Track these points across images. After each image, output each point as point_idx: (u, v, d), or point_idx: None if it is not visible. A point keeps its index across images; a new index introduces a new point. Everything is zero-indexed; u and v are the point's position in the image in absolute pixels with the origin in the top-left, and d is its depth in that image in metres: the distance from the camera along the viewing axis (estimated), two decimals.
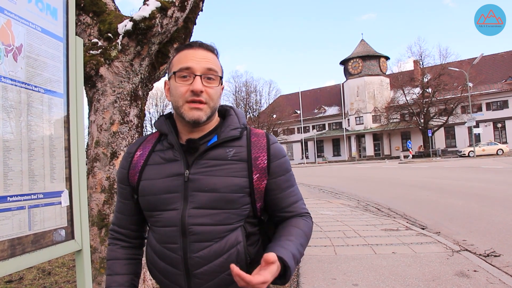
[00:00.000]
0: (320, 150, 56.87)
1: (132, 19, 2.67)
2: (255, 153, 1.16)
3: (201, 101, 1.11)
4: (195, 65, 1.11)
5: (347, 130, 52.61)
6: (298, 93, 61.05)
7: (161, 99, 58.42)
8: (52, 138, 1.86)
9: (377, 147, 50.79)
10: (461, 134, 44.15)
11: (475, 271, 4.11)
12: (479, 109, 42.72)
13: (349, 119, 52.95)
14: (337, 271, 4.35)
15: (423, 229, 6.56)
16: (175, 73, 1.12)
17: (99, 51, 2.74)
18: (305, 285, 3.94)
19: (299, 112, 59.00)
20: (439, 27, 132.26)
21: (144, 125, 3.12)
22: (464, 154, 36.35)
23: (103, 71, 2.71)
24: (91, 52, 2.73)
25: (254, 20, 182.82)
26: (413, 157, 41.35)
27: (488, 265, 4.35)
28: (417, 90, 44.36)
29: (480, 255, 4.80)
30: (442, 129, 44.98)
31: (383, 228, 6.61)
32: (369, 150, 50.61)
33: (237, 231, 1.14)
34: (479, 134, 36.16)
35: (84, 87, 2.63)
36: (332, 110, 57.46)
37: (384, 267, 4.41)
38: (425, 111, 43.14)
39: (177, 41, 3.17)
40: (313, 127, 58.38)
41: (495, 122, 43.43)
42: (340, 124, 55.76)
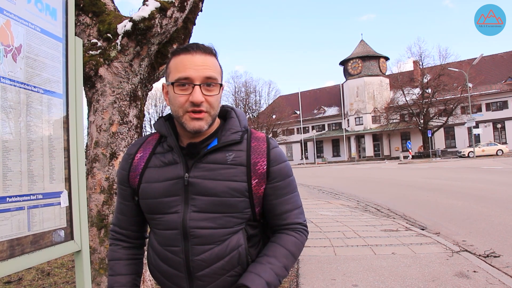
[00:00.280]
0: (319, 150, 56.88)
1: (131, 20, 2.67)
2: (255, 158, 1.15)
3: (201, 111, 1.09)
4: (194, 74, 1.07)
5: (346, 130, 52.61)
6: (297, 93, 61.10)
7: (160, 100, 58.43)
8: (51, 138, 1.86)
9: (377, 147, 50.81)
10: (460, 134, 44.20)
11: (474, 271, 4.12)
12: (479, 109, 42.76)
13: (348, 120, 52.97)
14: (337, 271, 4.35)
15: (422, 229, 6.56)
16: (173, 83, 1.09)
17: (99, 51, 2.73)
18: (305, 286, 3.94)
19: (298, 112, 59.04)
20: (438, 27, 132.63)
21: (143, 126, 3.11)
22: (463, 154, 36.38)
23: (102, 71, 2.71)
24: (91, 52, 2.72)
25: (253, 20, 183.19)
26: (413, 157, 41.35)
27: (487, 265, 4.35)
28: (417, 90, 44.38)
29: (479, 255, 4.80)
30: (441, 130, 45.02)
31: (383, 228, 6.61)
32: (369, 150, 50.62)
33: (238, 234, 1.13)
34: (478, 134, 36.16)
35: (83, 88, 2.63)
36: (331, 110, 57.47)
37: (383, 267, 4.41)
38: (424, 112, 43.16)
39: (177, 41, 3.17)
40: (313, 128, 58.38)
41: (495, 122, 43.48)
42: (339, 124, 55.76)
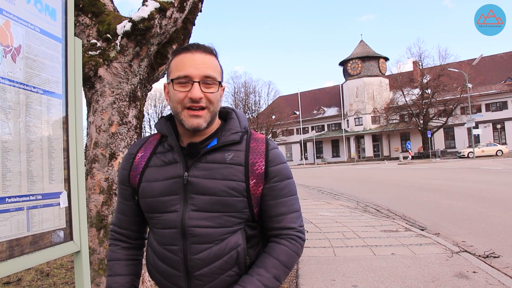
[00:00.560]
0: (319, 151, 56.89)
1: (131, 20, 2.67)
2: (253, 158, 1.15)
3: (201, 107, 1.10)
4: (193, 72, 1.09)
5: (346, 131, 52.63)
6: (297, 94, 61.12)
7: (159, 100, 58.47)
8: (50, 139, 1.86)
9: (377, 148, 50.83)
10: (460, 135, 44.22)
11: (474, 272, 4.11)
12: (479, 110, 42.79)
13: (348, 120, 52.98)
14: (336, 272, 4.34)
15: (422, 230, 6.56)
16: (172, 80, 1.11)
17: (98, 52, 2.73)
18: (304, 286, 3.93)
19: (298, 113, 59.05)
20: (438, 28, 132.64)
21: (143, 126, 3.11)
22: (463, 155, 36.40)
23: (102, 72, 2.71)
24: (90, 53, 2.72)
25: (253, 20, 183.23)
26: (413, 158, 41.35)
27: (487, 266, 4.35)
28: (417, 91, 44.41)
29: (479, 256, 4.80)
30: (441, 130, 45.04)
31: (383, 229, 6.61)
32: (368, 151, 50.64)
33: (237, 234, 1.14)
34: (478, 135, 36.19)
35: (82, 88, 2.63)
36: (331, 111, 57.49)
37: (383, 268, 4.40)
38: (424, 112, 43.18)
39: (176, 42, 3.17)
40: (312, 128, 58.38)
41: (495, 123, 43.50)
42: (339, 125, 55.78)
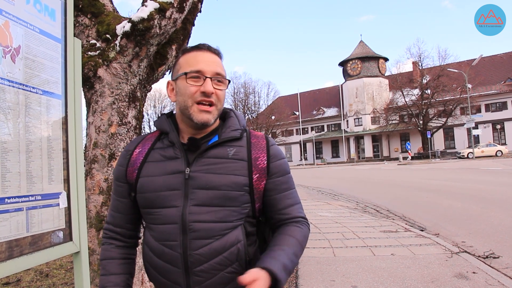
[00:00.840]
0: (318, 151, 56.89)
1: (130, 20, 2.67)
2: (255, 153, 1.18)
3: (211, 103, 1.13)
4: (206, 68, 1.13)
5: (346, 131, 52.64)
6: (296, 94, 61.16)
7: (159, 101, 58.50)
8: (50, 139, 1.86)
9: (376, 148, 50.84)
10: (460, 135, 44.23)
11: (474, 272, 4.11)
12: (478, 110, 42.81)
13: (348, 121, 53.00)
14: (336, 272, 4.34)
15: (422, 230, 6.57)
16: (186, 73, 1.14)
17: (97, 52, 2.73)
18: (304, 287, 3.93)
19: (297, 113, 59.06)
20: (438, 28, 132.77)
21: (142, 127, 3.11)
22: (463, 155, 36.41)
23: (101, 72, 2.71)
24: (89, 53, 2.72)
25: (252, 21, 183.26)
26: (412, 158, 41.38)
27: (487, 266, 4.35)
28: (416, 91, 44.45)
29: (479, 256, 4.80)
30: (441, 131, 45.07)
31: (382, 229, 6.61)
32: (368, 151, 50.65)
33: (237, 230, 1.14)
34: (478, 135, 36.22)
35: (82, 89, 2.63)
36: (331, 111, 57.50)
37: (383, 268, 4.40)
38: (424, 113, 43.21)
39: (176, 42, 3.17)
40: (312, 129, 58.39)
41: (494, 123, 43.53)
42: (339, 125, 55.79)
